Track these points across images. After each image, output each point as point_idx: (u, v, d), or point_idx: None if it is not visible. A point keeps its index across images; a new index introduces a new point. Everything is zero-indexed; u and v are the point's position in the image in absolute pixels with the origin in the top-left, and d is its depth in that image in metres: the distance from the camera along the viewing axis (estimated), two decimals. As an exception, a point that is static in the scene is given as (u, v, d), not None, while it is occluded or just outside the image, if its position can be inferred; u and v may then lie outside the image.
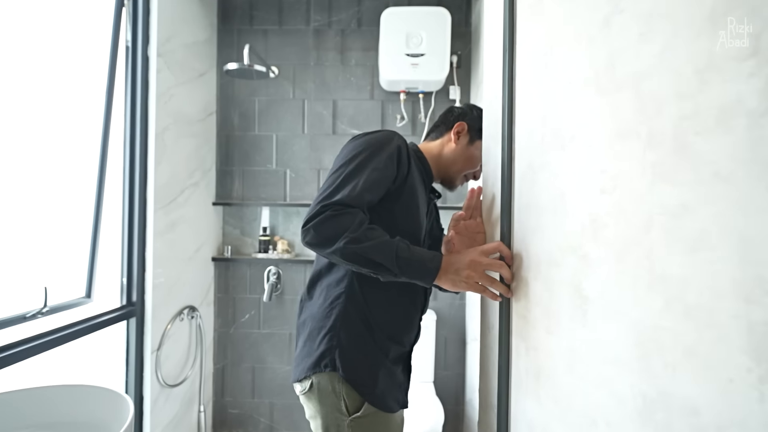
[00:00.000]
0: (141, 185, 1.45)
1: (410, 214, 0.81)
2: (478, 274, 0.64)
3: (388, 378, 0.81)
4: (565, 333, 0.50)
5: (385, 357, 0.80)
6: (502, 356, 0.63)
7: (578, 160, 0.48)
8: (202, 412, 1.85)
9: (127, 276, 1.44)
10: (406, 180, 0.80)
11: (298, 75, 1.93)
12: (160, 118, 1.50)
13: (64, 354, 1.26)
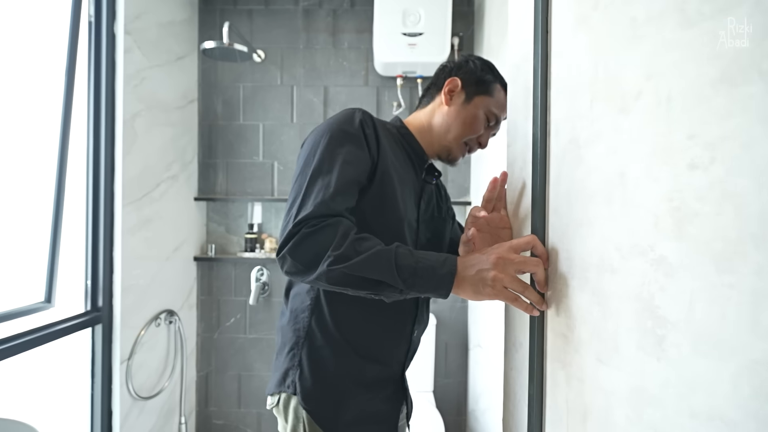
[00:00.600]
0: (107, 178, 1.30)
1: (386, 207, 0.66)
2: (508, 277, 0.48)
3: (360, 409, 0.66)
4: (627, 365, 0.37)
5: (358, 382, 0.67)
6: (534, 384, 0.49)
7: (649, 126, 0.34)
8: (183, 423, 1.71)
9: (92, 278, 1.29)
10: (377, 165, 0.65)
11: (287, 59, 1.78)
12: (128, 103, 1.34)
13: (19, 365, 1.11)
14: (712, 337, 0.29)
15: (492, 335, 1.40)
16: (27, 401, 1.20)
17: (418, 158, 0.76)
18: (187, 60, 1.71)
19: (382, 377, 0.69)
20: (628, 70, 0.37)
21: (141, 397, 1.44)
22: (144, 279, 1.45)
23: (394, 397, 0.73)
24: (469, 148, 0.77)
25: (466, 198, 1.76)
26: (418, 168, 0.76)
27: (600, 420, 0.40)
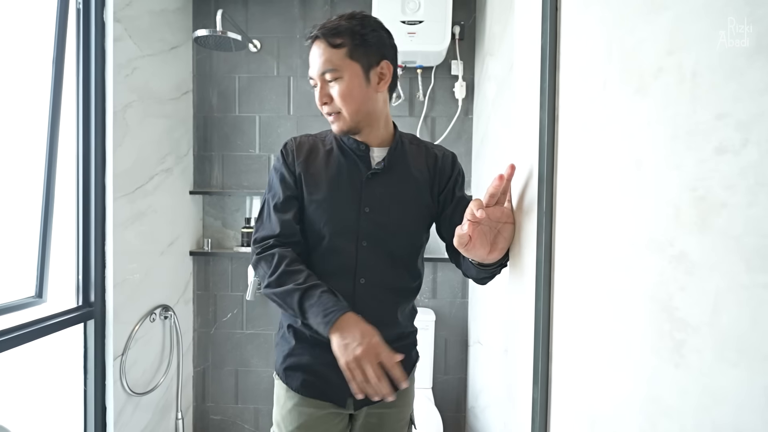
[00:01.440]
0: (98, 170, 1.26)
1: (319, 207, 0.78)
2: (370, 361, 0.61)
3: (297, 359, 0.81)
4: (641, 371, 0.33)
5: (298, 337, 0.82)
6: (538, 388, 0.46)
7: (670, 106, 0.31)
8: (180, 419, 1.69)
9: (83, 273, 1.26)
10: (301, 175, 0.79)
11: (283, 49, 1.74)
12: (119, 94, 1.31)
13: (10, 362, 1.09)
14: (740, 344, 0.25)
15: (492, 332, 1.37)
16: (18, 398, 1.17)
17: (357, 153, 0.80)
18: (181, 50, 1.67)
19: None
20: (647, 45, 0.33)
21: (136, 393, 1.42)
22: (138, 274, 1.43)
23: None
24: (327, 114, 0.78)
25: (467, 192, 1.72)
26: (358, 161, 0.80)
27: (609, 429, 0.37)
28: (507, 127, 1.23)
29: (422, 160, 0.83)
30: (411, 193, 0.81)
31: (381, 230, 0.79)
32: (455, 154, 0.90)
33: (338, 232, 0.78)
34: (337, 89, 0.73)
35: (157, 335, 1.56)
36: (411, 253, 0.83)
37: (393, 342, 0.74)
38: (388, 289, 0.81)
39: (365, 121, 0.77)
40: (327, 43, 0.73)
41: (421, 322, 1.60)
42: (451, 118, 1.70)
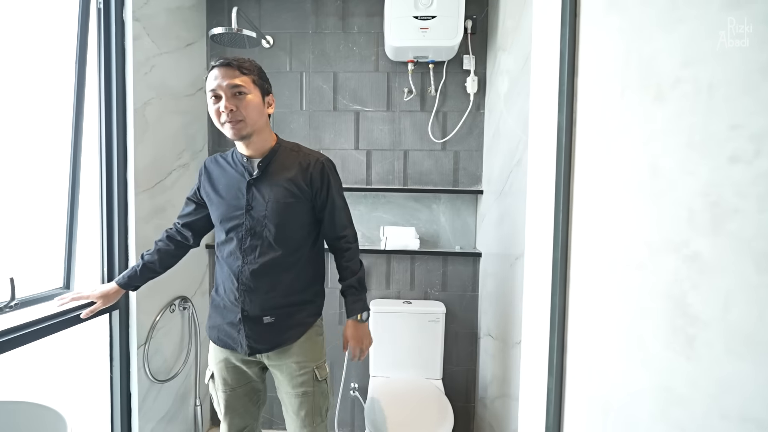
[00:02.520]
0: (120, 166, 1.30)
1: (212, 210, 1.10)
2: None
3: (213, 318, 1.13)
4: (653, 363, 0.36)
5: (212, 301, 1.13)
6: (553, 378, 0.49)
7: (686, 116, 0.33)
8: (198, 406, 1.75)
9: (108, 265, 1.31)
10: (201, 190, 1.14)
11: (296, 45, 1.75)
12: (139, 91, 1.34)
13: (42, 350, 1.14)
14: (748, 339, 0.28)
15: (503, 325, 1.40)
16: (51, 385, 1.24)
17: (242, 165, 1.06)
18: (196, 46, 1.70)
19: (221, 300, 1.10)
20: (665, 56, 0.35)
21: (158, 380, 1.48)
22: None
23: (243, 319, 1.06)
24: (226, 121, 0.98)
25: (477, 186, 1.74)
26: (244, 171, 1.06)
27: (622, 416, 0.39)
28: (520, 122, 1.23)
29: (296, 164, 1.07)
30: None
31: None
32: (329, 159, 1.12)
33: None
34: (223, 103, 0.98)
35: (177, 325, 1.62)
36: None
37: (288, 306, 1.06)
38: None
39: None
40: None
41: (431, 315, 1.64)
42: (462, 113, 1.71)
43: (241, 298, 1.04)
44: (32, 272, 1.18)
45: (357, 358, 1.17)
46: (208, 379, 1.16)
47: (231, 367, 1.11)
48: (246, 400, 1.14)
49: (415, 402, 1.43)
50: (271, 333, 1.05)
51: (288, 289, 1.06)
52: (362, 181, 1.77)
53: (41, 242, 1.23)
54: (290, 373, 1.08)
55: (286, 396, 1.10)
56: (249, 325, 1.05)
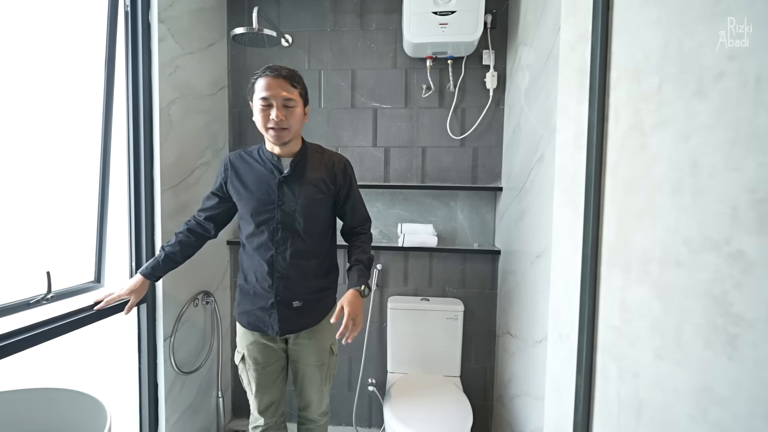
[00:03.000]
0: (147, 164, 1.35)
1: (241, 204, 1.18)
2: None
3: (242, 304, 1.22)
4: (692, 362, 0.35)
5: (240, 289, 1.23)
6: (582, 376, 0.49)
7: (730, 110, 0.32)
8: (220, 398, 1.81)
9: (136, 260, 1.36)
10: (227, 185, 1.20)
11: (314, 43, 1.77)
12: (164, 92, 1.38)
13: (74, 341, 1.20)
14: (797, 339, 0.27)
15: (523, 323, 1.38)
16: (84, 375, 1.29)
17: (272, 163, 1.15)
18: (217, 46, 1.73)
19: (252, 288, 1.19)
20: (708, 48, 0.34)
21: (183, 372, 1.53)
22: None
23: (271, 304, 1.17)
24: (273, 127, 1.08)
25: (496, 183, 1.72)
26: (274, 169, 1.15)
27: (657, 416, 0.39)
28: (542, 118, 1.21)
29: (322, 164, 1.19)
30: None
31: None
32: (348, 160, 1.24)
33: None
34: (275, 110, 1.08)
35: (200, 319, 1.67)
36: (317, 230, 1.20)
37: (314, 293, 1.19)
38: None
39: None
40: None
41: (450, 313, 1.64)
42: (481, 109, 1.69)
43: (275, 285, 1.15)
44: (66, 267, 1.23)
45: (347, 333, 1.07)
46: (239, 360, 1.25)
47: (261, 347, 1.21)
48: (275, 377, 1.25)
49: (434, 399, 1.43)
50: (299, 316, 1.18)
51: (314, 275, 1.18)
52: (380, 178, 1.77)
53: (74, 238, 1.28)
54: (313, 350, 1.22)
55: (306, 367, 1.24)
56: (280, 310, 1.16)
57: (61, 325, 1.09)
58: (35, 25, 1.08)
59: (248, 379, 1.24)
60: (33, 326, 1.04)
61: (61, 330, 1.09)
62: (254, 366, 1.22)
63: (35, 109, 1.10)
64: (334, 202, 1.21)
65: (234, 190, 1.18)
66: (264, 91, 1.06)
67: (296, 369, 1.26)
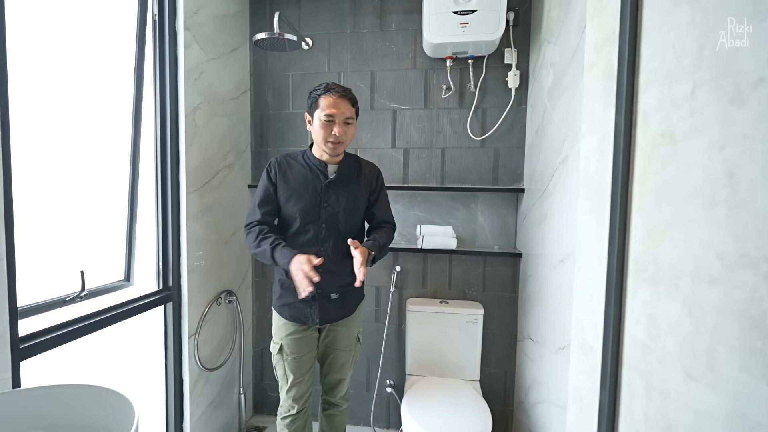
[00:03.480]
0: (173, 168, 1.39)
1: (288, 205, 1.25)
2: (300, 269, 1.12)
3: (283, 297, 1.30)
4: (726, 385, 0.33)
5: (282, 285, 1.30)
6: (606, 391, 0.47)
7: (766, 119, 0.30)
8: (242, 394, 1.85)
9: (162, 260, 1.41)
10: (278, 186, 1.26)
11: (334, 45, 1.78)
12: (190, 97, 1.42)
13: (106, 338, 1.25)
14: None
15: (545, 329, 1.35)
16: (114, 370, 1.35)
17: (318, 168, 1.25)
18: (240, 51, 1.77)
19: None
20: (746, 52, 0.32)
21: (206, 369, 1.57)
22: (205, 261, 1.56)
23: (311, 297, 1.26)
24: (332, 141, 1.19)
25: (518, 185, 1.68)
26: (320, 174, 1.25)
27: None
28: (566, 118, 1.18)
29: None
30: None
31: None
32: (379, 169, 1.37)
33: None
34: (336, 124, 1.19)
35: (223, 317, 1.71)
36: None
37: (347, 286, 1.28)
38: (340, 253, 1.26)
39: None
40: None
41: (470, 316, 1.61)
42: (503, 109, 1.66)
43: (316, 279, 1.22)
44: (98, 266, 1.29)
45: (362, 267, 1.11)
46: (276, 351, 1.31)
47: (298, 338, 1.29)
48: (308, 366, 1.32)
49: (452, 402, 1.42)
50: (336, 307, 1.29)
51: (350, 271, 1.26)
52: (399, 179, 1.77)
53: (105, 239, 1.34)
54: (343, 336, 1.34)
55: (337, 352, 1.35)
56: (321, 302, 1.26)
57: (94, 321, 1.15)
58: (72, 36, 1.14)
59: (284, 369, 1.30)
60: (68, 323, 1.10)
61: (94, 327, 1.15)
62: (292, 356, 1.28)
63: (70, 117, 1.16)
64: (367, 203, 1.32)
65: (282, 192, 1.26)
66: (330, 109, 1.17)
67: (327, 354, 1.36)
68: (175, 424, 1.46)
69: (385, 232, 1.32)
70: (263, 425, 1.90)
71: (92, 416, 0.62)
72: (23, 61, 0.97)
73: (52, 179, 1.13)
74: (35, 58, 1.03)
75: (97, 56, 1.22)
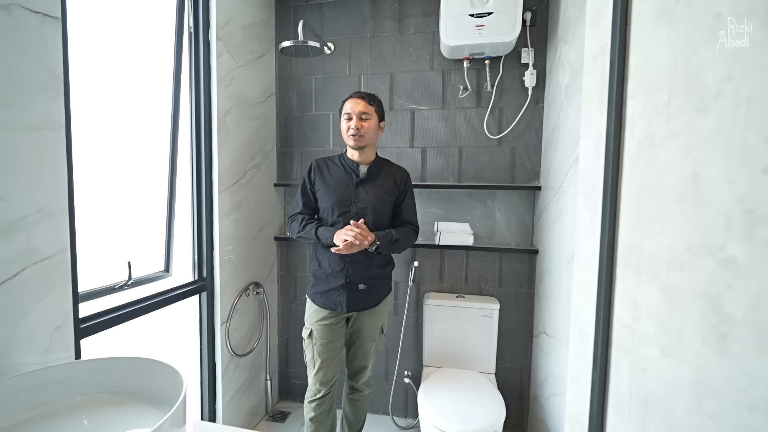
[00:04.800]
0: (207, 168, 1.51)
1: (324, 199, 1.41)
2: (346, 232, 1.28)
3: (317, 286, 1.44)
4: (691, 358, 0.38)
5: (315, 275, 1.45)
6: (597, 370, 0.52)
7: (727, 127, 0.34)
8: (268, 380, 1.97)
9: (197, 253, 1.53)
10: (315, 184, 1.43)
11: (354, 49, 1.85)
12: (221, 102, 1.53)
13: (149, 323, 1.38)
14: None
15: (559, 324, 1.38)
16: (157, 353, 1.49)
17: (351, 168, 1.40)
18: (266, 57, 1.87)
19: (325, 273, 1.41)
20: (709, 68, 0.36)
21: (237, 355, 1.69)
22: (234, 255, 1.68)
23: (342, 285, 1.38)
24: (352, 134, 1.35)
25: (535, 182, 1.71)
26: (353, 174, 1.40)
27: (660, 408, 0.42)
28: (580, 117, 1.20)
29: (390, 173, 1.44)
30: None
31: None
32: (408, 173, 1.48)
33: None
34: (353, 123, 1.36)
35: (251, 308, 1.83)
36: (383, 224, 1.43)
37: (375, 278, 1.41)
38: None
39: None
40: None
41: (485, 311, 1.66)
42: (520, 108, 1.69)
43: (345, 268, 1.37)
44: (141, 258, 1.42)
45: (346, 241, 1.26)
46: (307, 336, 1.43)
47: (327, 324, 1.40)
48: (336, 353, 1.43)
49: (467, 392, 1.47)
50: (363, 297, 1.40)
51: (377, 264, 1.40)
52: (417, 177, 1.82)
53: (148, 233, 1.47)
54: (369, 326, 1.45)
55: (362, 340, 1.47)
56: (349, 290, 1.37)
57: (140, 307, 1.27)
58: (120, 50, 1.26)
59: (312, 353, 1.42)
60: (117, 308, 1.23)
61: (139, 312, 1.27)
62: (321, 341, 1.40)
63: (117, 125, 1.29)
64: (395, 202, 1.43)
65: (319, 189, 1.42)
66: (348, 108, 1.36)
67: (353, 341, 1.48)
68: (209, 404, 1.59)
69: (405, 230, 1.42)
70: (288, 410, 2.01)
71: (145, 385, 0.72)
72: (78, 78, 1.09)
73: (103, 181, 1.26)
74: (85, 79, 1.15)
75: (139, 67, 1.35)
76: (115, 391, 0.74)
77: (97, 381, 0.75)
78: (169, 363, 0.72)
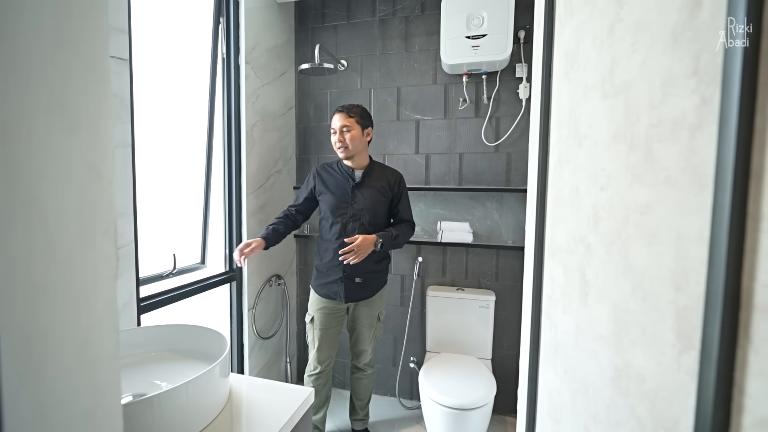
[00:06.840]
0: (236, 173, 1.74)
1: (325, 202, 1.57)
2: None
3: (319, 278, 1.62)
4: (574, 312, 0.56)
5: (317, 268, 1.63)
6: (533, 332, 0.70)
7: (589, 158, 0.52)
8: (288, 363, 2.19)
9: (228, 247, 1.76)
10: (315, 186, 1.62)
11: (365, 65, 2.05)
12: (249, 116, 1.76)
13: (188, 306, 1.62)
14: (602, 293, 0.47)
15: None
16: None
17: (347, 173, 1.57)
18: (287, 75, 2.09)
19: (325, 264, 1.58)
20: (584, 117, 0.54)
21: (261, 337, 1.92)
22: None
23: (340, 277, 1.56)
24: (337, 147, 1.52)
25: (528, 185, 1.86)
26: (349, 178, 1.56)
27: (562, 350, 0.60)
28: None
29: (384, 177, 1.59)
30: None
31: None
32: (402, 175, 1.64)
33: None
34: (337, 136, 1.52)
35: (273, 297, 2.06)
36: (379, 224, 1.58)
37: (370, 273, 1.57)
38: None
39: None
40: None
41: (482, 302, 1.82)
42: (515, 117, 1.84)
43: (342, 264, 1.52)
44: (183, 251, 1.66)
45: (346, 256, 1.44)
46: (309, 321, 1.63)
47: (327, 313, 1.60)
48: (333, 337, 1.64)
49: (464, 373, 1.65)
50: (360, 289, 1.58)
51: (372, 260, 1.55)
52: (421, 181, 2.01)
53: (187, 230, 1.72)
54: (366, 315, 1.63)
55: (361, 328, 1.65)
56: (346, 283, 1.55)
57: (182, 292, 1.51)
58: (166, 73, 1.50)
59: (313, 336, 1.62)
60: (165, 292, 1.47)
61: (182, 296, 1.51)
62: (320, 326, 1.60)
63: (163, 137, 1.53)
64: (390, 204, 1.59)
65: (319, 192, 1.60)
66: (333, 123, 1.53)
67: (353, 329, 1.67)
68: (237, 380, 1.82)
69: (403, 227, 1.60)
70: (305, 391, 2.23)
71: (197, 345, 0.94)
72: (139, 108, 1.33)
73: (154, 186, 1.50)
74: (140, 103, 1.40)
75: (180, 90, 1.59)
76: (177, 350, 0.97)
77: (159, 342, 0.97)
78: (213, 329, 0.93)
